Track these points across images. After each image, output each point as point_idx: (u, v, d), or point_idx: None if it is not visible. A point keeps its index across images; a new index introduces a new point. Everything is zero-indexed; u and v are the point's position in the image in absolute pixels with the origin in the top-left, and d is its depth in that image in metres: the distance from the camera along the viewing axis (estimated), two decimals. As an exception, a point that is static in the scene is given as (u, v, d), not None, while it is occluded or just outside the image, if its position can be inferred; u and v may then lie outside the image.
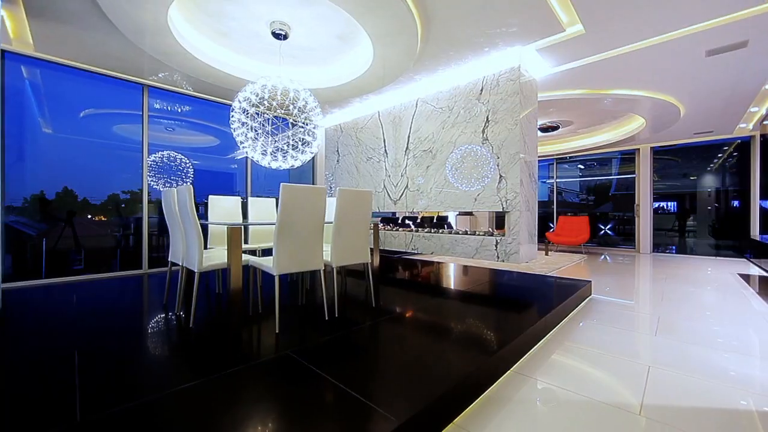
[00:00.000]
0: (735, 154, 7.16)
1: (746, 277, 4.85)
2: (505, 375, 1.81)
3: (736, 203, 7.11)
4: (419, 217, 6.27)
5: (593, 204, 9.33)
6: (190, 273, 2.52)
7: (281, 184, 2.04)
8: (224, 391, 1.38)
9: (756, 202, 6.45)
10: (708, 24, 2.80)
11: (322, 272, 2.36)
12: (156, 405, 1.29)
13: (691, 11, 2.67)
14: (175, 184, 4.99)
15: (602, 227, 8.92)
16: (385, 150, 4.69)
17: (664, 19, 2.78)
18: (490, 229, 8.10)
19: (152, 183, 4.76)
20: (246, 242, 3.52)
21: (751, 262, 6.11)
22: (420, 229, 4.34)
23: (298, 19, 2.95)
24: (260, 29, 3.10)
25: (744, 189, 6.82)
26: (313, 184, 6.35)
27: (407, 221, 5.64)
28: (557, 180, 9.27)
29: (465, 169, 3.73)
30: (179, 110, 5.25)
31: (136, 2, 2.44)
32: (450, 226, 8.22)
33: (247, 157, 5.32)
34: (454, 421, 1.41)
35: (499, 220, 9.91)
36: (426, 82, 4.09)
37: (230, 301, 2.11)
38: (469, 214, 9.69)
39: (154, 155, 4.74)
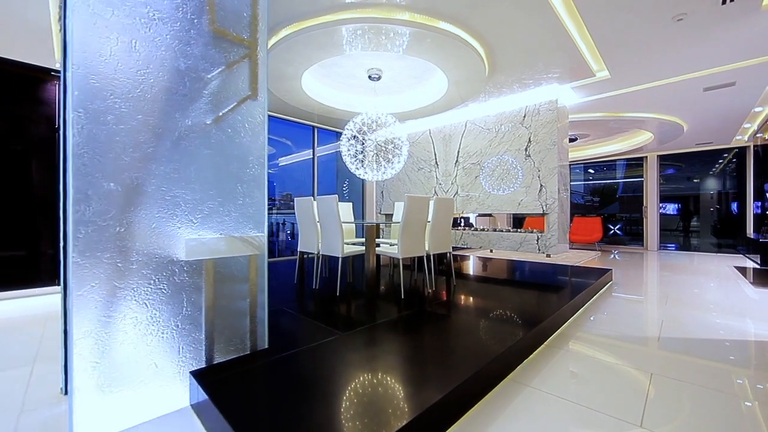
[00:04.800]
0: (734, 160, 8.02)
1: (742, 270, 5.71)
2: (566, 323, 2.72)
3: (734, 204, 7.96)
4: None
5: (598, 205, 10.15)
6: (323, 258, 3.44)
7: (406, 195, 2.95)
8: (396, 328, 2.30)
9: (751, 205, 7.32)
10: (704, 72, 3.71)
11: (425, 257, 3.27)
12: (378, 326, 2.21)
13: (691, 63, 3.57)
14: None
15: (611, 227, 9.77)
16: (436, 162, 5.60)
17: (671, 68, 3.68)
18: (508, 227, 9.01)
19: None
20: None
21: (746, 257, 6.97)
22: (467, 227, 5.25)
23: (391, 66, 3.87)
24: (357, 73, 4.03)
25: (742, 192, 7.68)
26: (362, 189, 7.27)
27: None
28: (570, 183, 10.15)
29: (510, 179, 4.64)
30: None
31: (289, 62, 3.38)
32: (471, 224, 9.15)
33: (313, 166, 6.24)
34: (546, 341, 2.32)
35: (516, 221, 10.83)
36: (475, 107, 5.00)
37: (370, 277, 3.03)
38: (489, 215, 10.60)
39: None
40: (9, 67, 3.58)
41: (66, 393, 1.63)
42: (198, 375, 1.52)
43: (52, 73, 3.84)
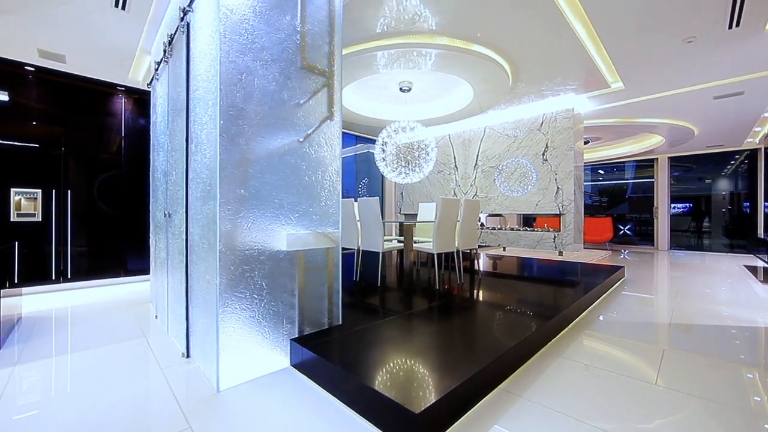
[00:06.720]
0: (746, 161, 8.19)
1: (752, 269, 5.95)
2: (587, 310, 3.06)
3: (746, 205, 8.13)
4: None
5: (607, 206, 10.33)
6: (361, 253, 3.84)
7: (441, 197, 3.32)
8: (440, 312, 2.68)
9: (761, 205, 7.52)
10: (713, 83, 4.01)
11: (454, 253, 3.64)
12: (424, 310, 2.59)
13: (701, 76, 3.88)
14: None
15: (621, 227, 9.97)
16: (455, 165, 5.96)
17: (682, 80, 3.99)
18: (517, 227, 9.33)
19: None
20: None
21: (757, 257, 7.18)
22: (481, 227, 5.60)
23: (421, 80, 4.25)
24: (389, 85, 4.41)
25: (753, 192, 7.87)
26: (382, 189, 7.65)
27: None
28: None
29: (527, 182, 4.98)
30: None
31: (332, 78, 3.78)
32: (483, 224, 9.49)
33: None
34: (570, 325, 2.67)
35: (526, 220, 11.11)
36: (493, 114, 5.35)
37: (408, 270, 3.40)
38: (499, 215, 10.92)
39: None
40: (88, 84, 4.05)
41: (188, 356, 2.04)
42: (298, 341, 1.92)
43: (118, 87, 4.30)
